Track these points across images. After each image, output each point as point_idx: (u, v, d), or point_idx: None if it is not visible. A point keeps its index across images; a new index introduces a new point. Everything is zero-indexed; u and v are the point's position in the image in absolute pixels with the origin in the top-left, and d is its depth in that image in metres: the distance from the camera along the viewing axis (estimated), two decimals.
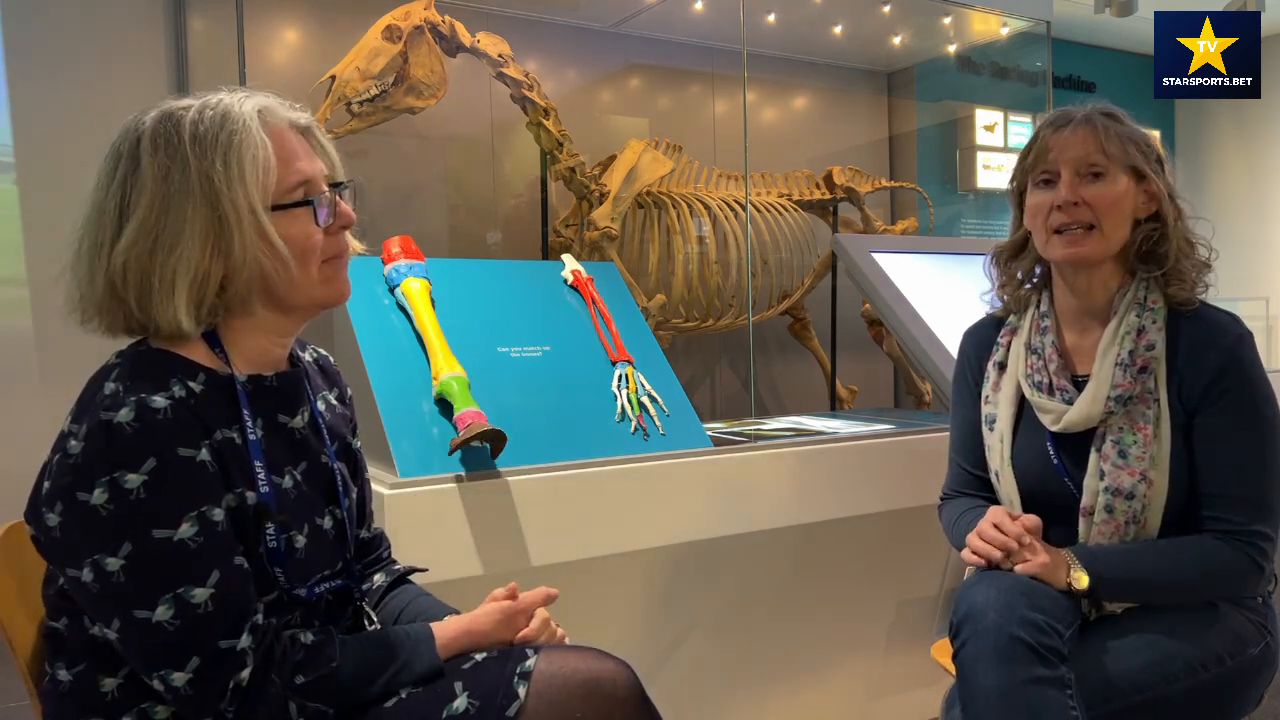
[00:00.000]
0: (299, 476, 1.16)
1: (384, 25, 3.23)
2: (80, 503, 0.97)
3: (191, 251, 1.04)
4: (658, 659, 2.00)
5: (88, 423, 0.99)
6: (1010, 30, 5.44)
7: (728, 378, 5.18)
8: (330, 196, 1.15)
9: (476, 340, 1.96)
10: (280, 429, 1.16)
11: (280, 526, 1.09)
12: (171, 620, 0.97)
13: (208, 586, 0.99)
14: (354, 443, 1.31)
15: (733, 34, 4.57)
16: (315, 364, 1.30)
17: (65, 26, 3.61)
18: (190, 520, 0.99)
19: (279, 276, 1.09)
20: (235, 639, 0.99)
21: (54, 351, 3.55)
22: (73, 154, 3.62)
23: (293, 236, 1.10)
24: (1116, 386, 1.48)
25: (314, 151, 1.17)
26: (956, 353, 1.77)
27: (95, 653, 1.05)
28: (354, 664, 1.07)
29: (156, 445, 0.98)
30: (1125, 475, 1.46)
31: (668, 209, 4.12)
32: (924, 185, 5.21)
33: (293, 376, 1.19)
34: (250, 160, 1.07)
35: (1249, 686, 1.45)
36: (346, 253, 1.19)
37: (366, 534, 1.33)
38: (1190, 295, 1.52)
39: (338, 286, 1.17)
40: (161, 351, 1.08)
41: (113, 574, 0.97)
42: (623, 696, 1.13)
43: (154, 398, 1.00)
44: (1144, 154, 1.52)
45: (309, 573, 1.13)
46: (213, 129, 1.07)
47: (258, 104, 1.11)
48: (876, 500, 2.16)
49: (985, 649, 1.30)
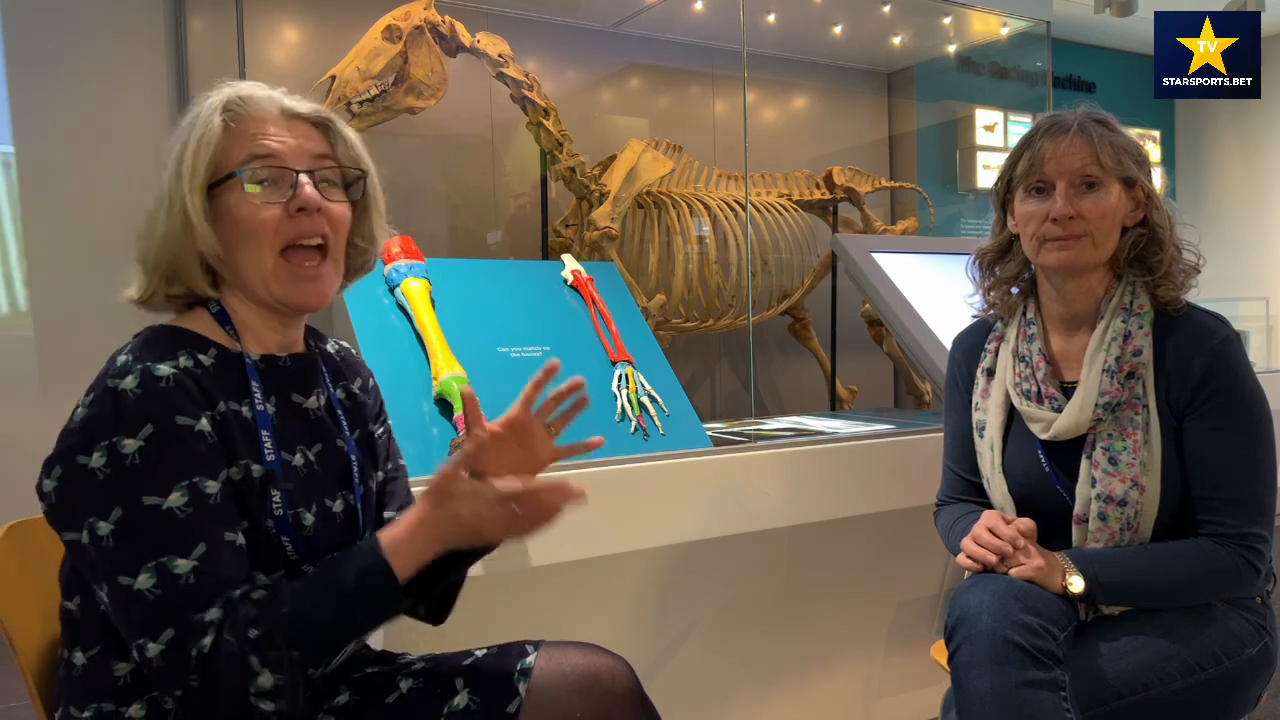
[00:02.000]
0: (311, 456, 1.16)
1: (384, 25, 3.23)
2: (79, 466, 0.99)
3: (148, 223, 1.10)
4: (657, 659, 2.00)
5: (95, 391, 1.02)
6: (1010, 30, 5.44)
7: (728, 378, 5.18)
8: (294, 175, 1.09)
9: (476, 340, 1.96)
10: (294, 409, 1.16)
11: (286, 495, 1.09)
12: (152, 589, 0.97)
13: (191, 558, 0.99)
14: (375, 429, 1.29)
15: (732, 34, 4.57)
16: (337, 354, 1.29)
17: (65, 26, 3.61)
18: (181, 490, 1.00)
19: (214, 253, 1.09)
20: (205, 611, 0.98)
21: (54, 352, 3.55)
22: (73, 154, 3.63)
23: (234, 213, 1.09)
24: (1104, 393, 1.48)
25: (308, 137, 1.13)
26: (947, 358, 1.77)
27: (108, 635, 1.05)
28: (304, 598, 1.03)
29: (155, 413, 1.00)
30: (1117, 482, 1.46)
31: (668, 209, 4.12)
32: (924, 185, 5.21)
33: (307, 358, 1.20)
34: (189, 140, 1.08)
35: (1247, 687, 1.45)
36: (322, 240, 1.12)
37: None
38: (1178, 296, 1.51)
39: (293, 290, 1.11)
40: (174, 328, 1.11)
41: (103, 538, 0.98)
42: (620, 692, 1.13)
43: (159, 366, 1.02)
44: (1135, 162, 1.52)
45: (317, 551, 1.12)
46: (186, 116, 1.11)
47: (236, 91, 1.12)
48: (876, 500, 2.16)
49: (979, 653, 1.30)
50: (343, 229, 1.16)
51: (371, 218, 1.21)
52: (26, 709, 1.14)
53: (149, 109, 3.76)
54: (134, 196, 4.09)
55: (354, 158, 1.17)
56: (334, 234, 1.13)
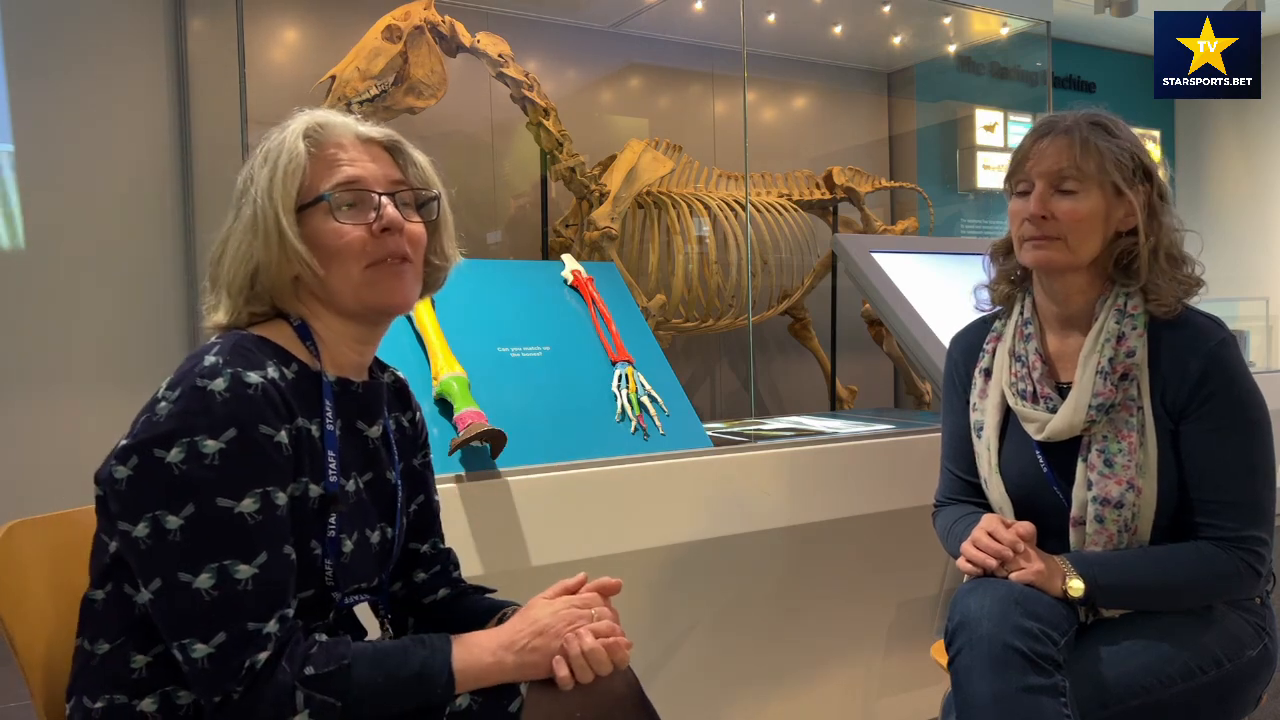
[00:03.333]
0: (362, 485, 1.19)
1: (384, 25, 3.23)
2: (156, 459, 1.00)
3: (235, 247, 1.14)
4: (657, 659, 2.00)
5: (183, 387, 1.03)
6: (1010, 30, 5.44)
7: (728, 378, 5.18)
8: (376, 198, 1.15)
9: (476, 340, 1.96)
10: (356, 435, 1.19)
11: (341, 518, 1.12)
12: (211, 590, 0.99)
13: (253, 566, 1.01)
14: (415, 460, 1.33)
15: (732, 34, 4.57)
16: (392, 385, 1.33)
17: (65, 27, 3.61)
18: (254, 496, 1.02)
19: (309, 275, 1.13)
20: (263, 623, 1.00)
21: (53, 352, 3.55)
22: (73, 154, 3.63)
23: (322, 234, 1.13)
24: (1098, 394, 1.47)
25: (382, 161, 1.18)
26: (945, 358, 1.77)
27: (132, 628, 1.06)
28: (364, 661, 1.06)
29: (241, 418, 1.02)
30: (1113, 484, 1.45)
31: (668, 209, 4.12)
32: (924, 185, 5.21)
33: (375, 386, 1.23)
34: (278, 166, 1.13)
35: (1247, 688, 1.45)
36: (405, 257, 1.16)
37: (429, 550, 1.34)
38: (1171, 308, 1.49)
39: (382, 290, 1.15)
40: (260, 338, 1.12)
41: (170, 532, 0.99)
42: (620, 692, 1.13)
43: (250, 373, 1.04)
44: (1124, 169, 1.48)
45: (348, 580, 1.15)
46: (266, 142, 1.16)
47: (315, 119, 1.17)
48: (876, 500, 2.16)
49: (979, 658, 1.30)
50: (421, 247, 1.21)
51: (443, 236, 1.27)
52: (27, 709, 1.14)
53: (149, 109, 3.76)
54: (134, 196, 4.10)
55: (425, 179, 1.23)
56: (414, 251, 1.19)
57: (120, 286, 3.64)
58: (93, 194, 3.64)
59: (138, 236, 3.71)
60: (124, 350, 3.60)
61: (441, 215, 1.26)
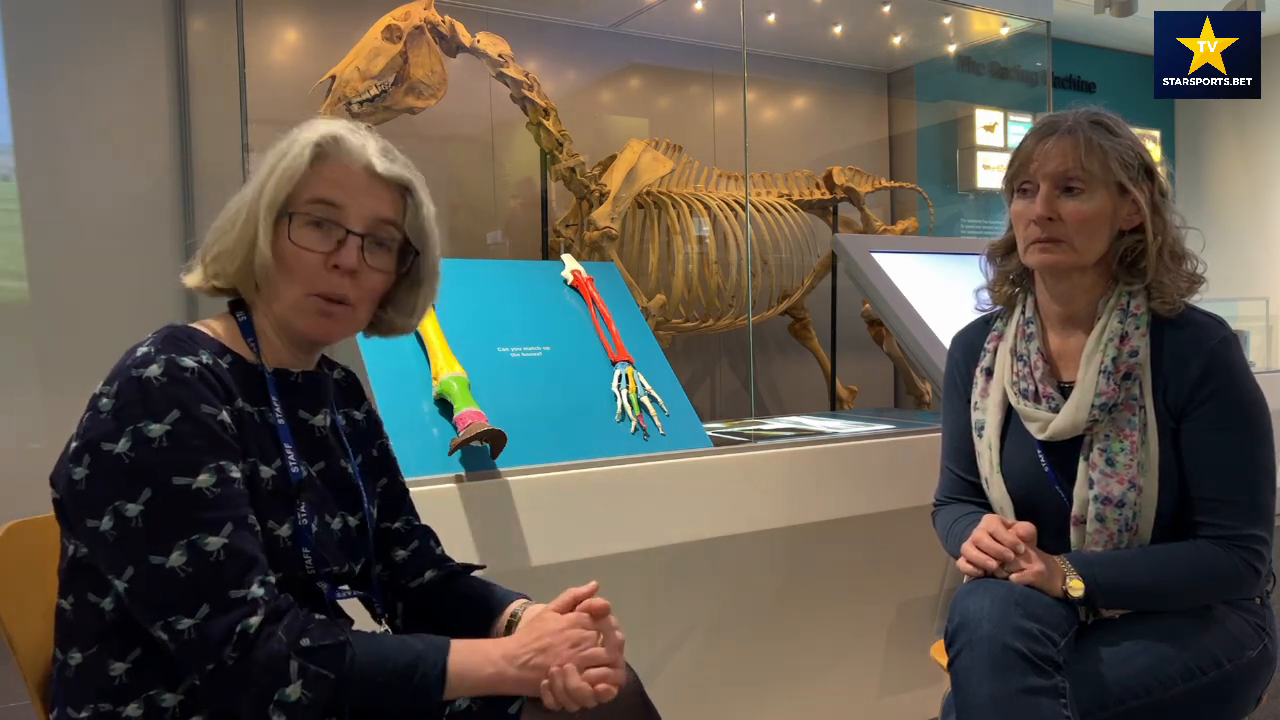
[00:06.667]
0: (314, 474, 1.19)
1: (384, 25, 3.23)
2: (105, 453, 1.01)
3: (223, 220, 1.17)
4: (658, 659, 2.00)
5: (119, 381, 1.04)
6: (1010, 30, 5.44)
7: (728, 378, 5.18)
8: (342, 232, 1.13)
9: (476, 340, 1.96)
10: (300, 424, 1.19)
11: (310, 506, 1.13)
12: (184, 567, 1.00)
13: (221, 536, 1.01)
14: (373, 450, 1.32)
15: (732, 34, 4.57)
16: (342, 381, 1.33)
17: (65, 27, 3.61)
18: (209, 471, 1.03)
19: (262, 273, 1.14)
20: (245, 589, 1.01)
21: (53, 351, 3.55)
22: (73, 154, 3.63)
23: (283, 245, 1.13)
24: (1100, 394, 1.47)
25: (380, 198, 1.16)
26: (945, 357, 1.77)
27: (104, 636, 1.06)
28: (362, 640, 1.06)
29: (182, 399, 1.03)
30: (1114, 483, 1.45)
31: (668, 209, 4.12)
32: (924, 185, 5.21)
33: (315, 377, 1.23)
34: (277, 166, 1.14)
35: (1247, 689, 1.45)
36: (343, 300, 1.15)
37: (403, 526, 1.33)
38: (1174, 306, 1.49)
39: (307, 322, 1.15)
40: (193, 329, 1.14)
41: (131, 519, 1.00)
42: (621, 692, 1.13)
43: (183, 359, 1.06)
44: (1129, 167, 1.48)
45: (321, 566, 1.14)
46: (289, 134, 1.17)
47: (332, 131, 1.16)
48: (876, 500, 2.16)
49: (979, 659, 1.30)
50: (373, 295, 1.19)
51: (418, 294, 1.25)
52: (26, 709, 1.14)
53: (149, 109, 3.76)
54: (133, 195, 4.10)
55: (419, 232, 1.20)
56: (360, 296, 1.16)
57: (120, 286, 3.64)
58: (93, 194, 3.64)
59: (138, 236, 3.70)
60: (124, 350, 3.59)
61: (419, 273, 1.23)
